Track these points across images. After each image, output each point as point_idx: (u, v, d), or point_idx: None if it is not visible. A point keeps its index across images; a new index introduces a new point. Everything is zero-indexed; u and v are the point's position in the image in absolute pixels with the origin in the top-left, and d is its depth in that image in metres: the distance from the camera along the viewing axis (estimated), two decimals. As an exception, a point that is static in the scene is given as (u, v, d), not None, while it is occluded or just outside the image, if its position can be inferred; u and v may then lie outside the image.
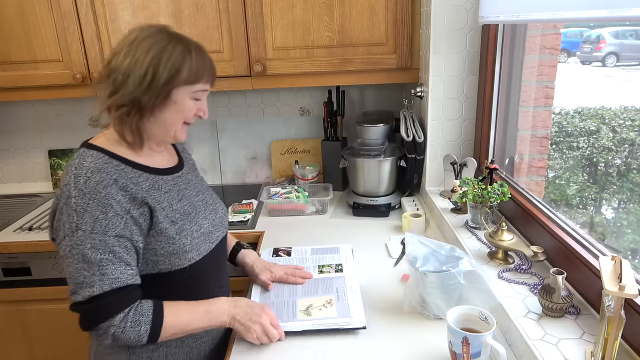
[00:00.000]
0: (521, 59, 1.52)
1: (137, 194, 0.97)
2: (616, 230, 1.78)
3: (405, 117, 1.80)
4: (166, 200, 1.03)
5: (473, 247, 1.33)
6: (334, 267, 1.36)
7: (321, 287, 1.26)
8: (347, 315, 1.14)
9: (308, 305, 1.19)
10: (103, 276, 0.91)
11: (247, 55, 1.81)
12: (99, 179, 0.93)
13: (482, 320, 0.95)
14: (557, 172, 2.00)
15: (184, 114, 1.03)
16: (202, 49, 1.04)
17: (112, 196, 0.93)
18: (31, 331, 1.88)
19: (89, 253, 0.91)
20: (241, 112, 2.27)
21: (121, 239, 0.94)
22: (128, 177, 0.98)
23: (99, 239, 0.91)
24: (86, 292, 0.91)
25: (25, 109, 2.28)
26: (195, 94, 1.03)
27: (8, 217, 1.97)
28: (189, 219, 1.07)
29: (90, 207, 0.91)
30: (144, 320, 0.95)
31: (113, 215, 0.93)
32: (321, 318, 1.13)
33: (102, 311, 0.93)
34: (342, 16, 1.76)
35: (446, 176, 1.69)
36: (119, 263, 0.93)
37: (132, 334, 0.94)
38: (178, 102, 1.01)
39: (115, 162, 0.98)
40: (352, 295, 1.22)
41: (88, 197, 0.91)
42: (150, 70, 0.95)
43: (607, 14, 0.86)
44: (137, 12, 1.77)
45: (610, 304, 0.77)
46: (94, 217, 0.91)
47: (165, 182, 1.06)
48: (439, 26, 1.61)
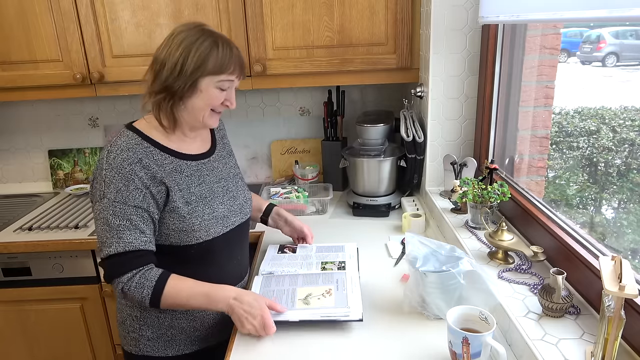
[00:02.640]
0: (521, 59, 1.52)
1: (157, 174, 1.11)
2: (616, 230, 1.78)
3: (405, 117, 1.80)
4: (185, 183, 1.16)
5: (473, 247, 1.33)
6: (336, 264, 1.37)
7: (321, 278, 1.27)
8: (344, 306, 1.14)
9: (307, 294, 1.20)
10: (119, 239, 1.06)
11: (247, 55, 1.81)
12: (126, 156, 1.08)
13: (482, 320, 0.95)
14: (557, 172, 2.00)
15: (211, 102, 1.14)
16: (231, 44, 1.14)
17: (135, 172, 1.07)
18: (31, 331, 1.89)
19: (110, 218, 1.06)
20: (241, 112, 2.27)
21: (139, 209, 1.08)
22: (154, 158, 1.12)
23: (120, 207, 1.06)
24: (106, 251, 1.07)
25: (25, 109, 2.28)
26: (220, 83, 1.12)
27: (8, 217, 1.97)
28: (203, 202, 1.18)
29: (116, 179, 1.06)
30: (147, 285, 1.07)
31: (134, 189, 1.07)
32: (319, 307, 1.14)
33: (115, 268, 1.07)
34: (342, 16, 1.76)
35: (446, 176, 1.69)
36: (134, 230, 1.07)
37: (136, 293, 1.07)
38: (204, 90, 1.12)
39: (145, 144, 1.12)
40: (351, 287, 1.22)
41: (115, 170, 1.06)
42: (180, 60, 1.08)
43: (607, 14, 0.86)
44: (137, 12, 1.77)
45: (610, 304, 0.77)
46: (117, 188, 1.06)
47: (188, 167, 1.18)
48: (439, 26, 1.61)
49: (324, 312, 1.13)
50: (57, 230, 1.83)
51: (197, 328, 1.23)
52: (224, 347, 1.11)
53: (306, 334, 1.11)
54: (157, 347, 1.23)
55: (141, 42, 1.80)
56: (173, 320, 1.21)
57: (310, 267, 1.36)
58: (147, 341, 1.22)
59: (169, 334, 1.22)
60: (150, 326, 1.21)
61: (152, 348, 1.23)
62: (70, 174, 2.33)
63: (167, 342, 1.22)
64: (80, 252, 1.77)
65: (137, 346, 1.23)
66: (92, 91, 1.88)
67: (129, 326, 1.23)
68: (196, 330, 1.23)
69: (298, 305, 1.16)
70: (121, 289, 1.07)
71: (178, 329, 1.22)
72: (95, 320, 1.88)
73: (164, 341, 1.22)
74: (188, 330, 1.23)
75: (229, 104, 1.17)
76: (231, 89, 1.17)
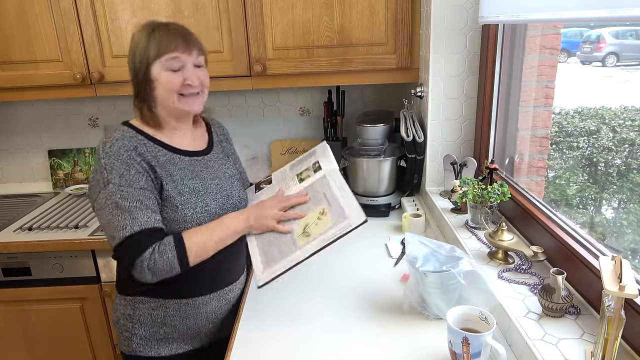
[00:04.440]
0: (521, 59, 1.52)
1: (152, 162, 1.13)
2: (616, 230, 1.78)
3: (405, 117, 1.80)
4: (179, 174, 1.17)
5: (473, 247, 1.33)
6: (311, 169, 1.29)
7: (311, 202, 1.21)
8: (344, 218, 1.10)
9: (304, 226, 1.16)
10: (134, 220, 1.07)
11: (247, 55, 1.81)
12: (121, 144, 1.11)
13: (482, 320, 0.95)
14: (557, 172, 2.00)
15: (168, 86, 1.13)
16: (169, 24, 1.15)
17: (133, 158, 1.10)
18: (31, 331, 1.88)
19: (119, 202, 1.07)
20: (241, 112, 2.27)
21: (145, 190, 1.10)
22: (148, 149, 1.14)
23: (127, 190, 1.08)
24: (121, 234, 1.06)
25: (25, 109, 2.28)
26: (168, 63, 1.12)
27: (8, 217, 1.97)
28: (196, 195, 1.18)
29: (116, 165, 1.08)
30: (168, 248, 1.09)
31: (135, 172, 1.10)
32: (320, 234, 1.11)
33: (134, 248, 1.07)
34: (342, 16, 1.76)
35: (446, 176, 1.69)
36: (146, 210, 1.09)
37: (163, 263, 1.08)
38: (157, 77, 1.13)
39: (140, 137, 1.15)
40: (340, 194, 1.16)
41: (113, 157, 1.09)
42: (131, 62, 1.15)
43: (607, 14, 0.86)
44: (137, 12, 1.77)
45: (610, 304, 0.77)
46: (120, 173, 1.08)
47: (182, 161, 1.20)
48: (439, 26, 1.61)
49: (325, 237, 1.09)
50: (57, 230, 1.83)
51: (190, 326, 1.23)
52: (219, 348, 1.11)
53: (306, 334, 1.11)
54: (150, 347, 1.22)
55: (141, 42, 1.80)
56: (166, 317, 1.20)
57: (289, 188, 1.29)
58: (139, 340, 1.22)
59: (161, 332, 1.21)
60: (143, 324, 1.21)
61: (144, 347, 1.22)
62: (70, 174, 2.33)
63: (160, 341, 1.22)
64: (80, 252, 1.77)
65: (130, 346, 1.23)
66: (92, 91, 1.88)
67: (123, 325, 1.23)
68: (189, 329, 1.23)
69: (301, 242, 1.12)
70: (147, 266, 1.07)
71: (171, 327, 1.21)
72: (95, 320, 1.88)
73: (157, 340, 1.22)
74: (181, 328, 1.22)
75: (190, 82, 1.14)
76: (186, 68, 1.14)
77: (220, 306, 1.26)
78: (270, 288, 1.31)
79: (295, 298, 1.27)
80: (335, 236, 1.08)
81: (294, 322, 1.17)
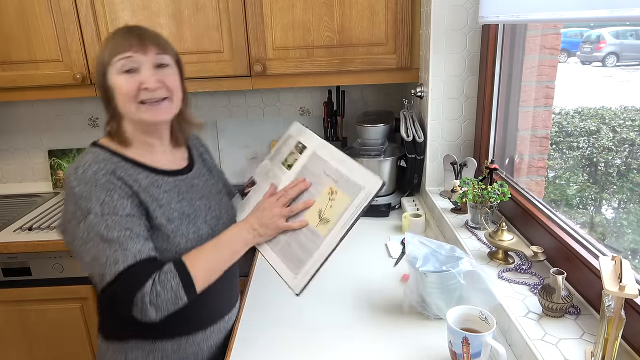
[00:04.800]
0: (521, 59, 1.52)
1: (134, 188, 0.99)
2: (616, 230, 1.78)
3: (405, 117, 1.80)
4: (165, 198, 1.04)
5: (473, 247, 1.33)
6: (296, 151, 1.17)
7: (313, 186, 1.08)
8: (359, 188, 0.99)
9: (318, 213, 1.04)
10: (125, 251, 0.93)
11: (247, 55, 1.81)
12: (97, 168, 0.97)
13: (482, 320, 0.95)
14: (557, 172, 2.00)
15: (124, 91, 0.99)
16: (131, 27, 1.03)
17: (113, 182, 0.97)
18: (31, 331, 1.88)
19: (105, 233, 0.93)
20: (241, 112, 2.27)
21: (133, 217, 0.97)
22: (127, 172, 1.00)
23: (112, 218, 0.94)
24: (113, 270, 0.93)
25: (25, 109, 2.28)
26: (120, 64, 0.99)
27: (8, 217, 1.96)
28: (187, 220, 1.06)
29: (94, 192, 0.94)
30: (170, 276, 0.95)
31: (119, 198, 0.96)
32: (340, 215, 1.00)
33: (132, 283, 0.93)
34: (342, 16, 1.76)
35: (446, 176, 1.69)
36: (137, 238, 0.95)
37: (167, 294, 0.94)
38: (112, 83, 1.00)
39: (115, 158, 1.02)
40: (343, 166, 1.05)
41: (90, 184, 0.95)
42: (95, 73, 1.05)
43: (607, 14, 0.86)
44: (137, 12, 1.77)
45: (610, 304, 0.77)
46: (101, 200, 0.94)
47: (165, 182, 1.06)
48: (439, 26, 1.61)
49: (347, 216, 0.98)
50: (57, 230, 1.83)
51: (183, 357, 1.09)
52: None
53: (306, 334, 1.11)
54: None
55: (141, 42, 1.79)
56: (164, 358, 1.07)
57: (279, 180, 1.16)
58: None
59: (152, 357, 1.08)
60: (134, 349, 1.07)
61: None
62: (70, 174, 2.33)
63: None
64: (80, 252, 1.77)
65: None
66: (92, 91, 1.88)
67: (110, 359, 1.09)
68: None
69: (322, 232, 1.01)
70: (149, 301, 0.93)
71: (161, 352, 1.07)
72: (95, 320, 1.88)
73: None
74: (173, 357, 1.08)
75: (147, 85, 0.99)
76: (143, 69, 1.00)
77: (220, 338, 1.15)
78: (270, 288, 1.32)
79: (295, 298, 1.27)
80: (358, 211, 0.97)
81: (294, 322, 1.17)
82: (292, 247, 1.05)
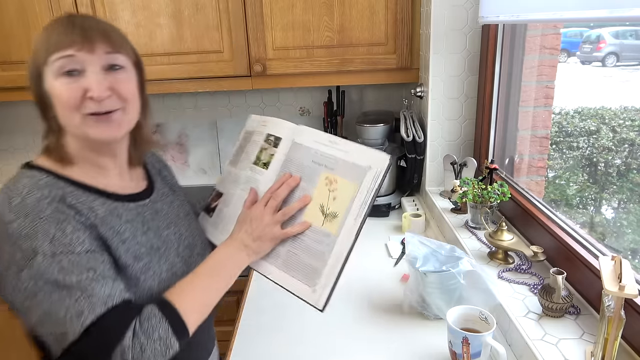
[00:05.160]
0: (521, 59, 1.52)
1: (90, 219, 0.78)
2: (616, 230, 1.78)
3: (405, 117, 1.80)
4: (128, 230, 0.83)
5: (473, 247, 1.33)
6: (270, 146, 1.00)
7: (304, 182, 0.92)
8: (363, 171, 0.86)
9: (320, 209, 0.89)
10: (91, 298, 0.72)
11: (247, 55, 1.81)
12: (40, 196, 0.74)
13: (482, 320, 0.95)
14: (557, 172, 2.01)
15: (65, 100, 0.78)
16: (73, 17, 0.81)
17: (63, 211, 0.75)
18: (31, 331, 1.88)
19: (60, 278, 0.71)
20: (241, 112, 2.27)
21: (94, 253, 0.75)
22: (79, 200, 0.79)
23: (67, 258, 0.72)
24: (77, 325, 0.71)
25: (25, 109, 2.27)
26: (57, 64, 0.77)
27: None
28: (157, 255, 0.86)
29: (40, 226, 0.72)
30: (156, 321, 0.76)
31: (73, 230, 0.74)
32: (348, 206, 0.86)
33: (105, 339, 0.72)
34: (342, 16, 1.76)
35: (446, 176, 1.69)
36: (103, 280, 0.74)
37: (154, 345, 0.74)
38: (49, 89, 0.79)
39: (61, 183, 0.80)
40: (336, 149, 0.90)
41: (31, 217, 0.72)
42: None
43: (607, 14, 0.86)
44: (137, 12, 1.77)
45: (610, 304, 0.77)
46: (50, 236, 0.72)
47: (127, 210, 0.86)
48: (439, 26, 1.61)
49: (357, 205, 0.85)
50: None
51: None
52: None
53: (306, 334, 1.11)
54: None
55: (141, 42, 1.79)
56: None
57: (258, 182, 0.98)
58: None
59: None
60: None
61: None
62: (70, 174, 2.33)
63: None
64: (80, 252, 1.77)
65: None
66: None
67: None
68: None
69: (332, 229, 0.87)
70: (133, 357, 0.72)
71: None
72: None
73: None
74: None
75: (93, 93, 0.78)
76: (88, 72, 0.79)
77: None
78: (270, 287, 1.31)
79: (295, 298, 1.27)
80: (370, 196, 0.84)
81: (294, 322, 1.17)
82: (298, 257, 0.90)
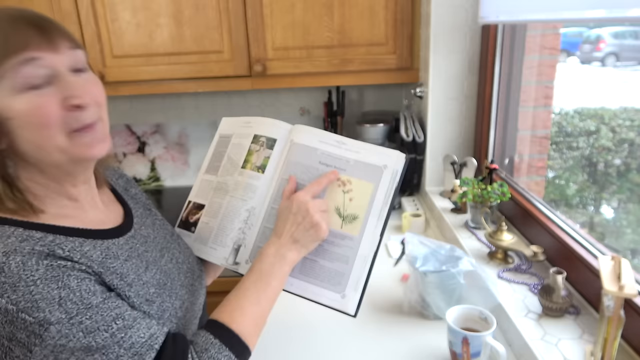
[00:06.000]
0: (521, 59, 1.52)
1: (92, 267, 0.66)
2: (616, 230, 1.78)
3: (405, 117, 1.80)
4: (131, 271, 0.71)
5: (473, 247, 1.33)
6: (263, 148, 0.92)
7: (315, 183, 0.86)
8: (380, 170, 0.84)
9: (336, 212, 0.85)
10: (132, 348, 0.63)
11: (247, 55, 1.81)
12: (20, 259, 0.59)
13: (482, 320, 0.95)
14: (557, 172, 2.01)
15: (40, 118, 0.61)
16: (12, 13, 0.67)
17: (57, 265, 0.61)
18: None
19: (89, 341, 0.60)
20: (241, 112, 2.26)
21: (111, 299, 0.65)
22: (67, 248, 0.64)
23: (87, 316, 0.61)
24: None
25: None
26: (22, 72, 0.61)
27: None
28: (166, 292, 0.76)
29: (37, 292, 0.58)
30: (215, 351, 0.70)
31: (78, 282, 0.62)
32: (367, 206, 0.83)
33: None
34: (342, 16, 1.76)
35: (446, 176, 1.69)
36: (135, 322, 0.65)
37: None
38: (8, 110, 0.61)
39: (37, 234, 0.63)
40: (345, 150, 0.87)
41: (23, 283, 0.58)
42: None
43: (607, 14, 0.86)
44: (137, 13, 1.77)
45: (610, 304, 0.77)
46: (56, 300, 0.59)
47: (119, 248, 0.73)
48: (438, 26, 1.61)
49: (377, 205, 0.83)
50: None
51: None
52: None
53: (305, 334, 1.11)
54: None
55: (142, 42, 1.80)
56: None
57: (252, 188, 0.90)
58: None
59: None
60: None
61: None
62: (70, 174, 2.32)
63: None
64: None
65: None
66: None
67: None
68: None
69: (354, 232, 0.83)
70: None
71: None
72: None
73: None
74: None
75: (79, 100, 0.64)
76: (61, 77, 0.64)
77: None
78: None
79: (294, 298, 1.27)
80: (390, 195, 0.82)
81: (293, 322, 1.17)
82: (319, 263, 0.85)
